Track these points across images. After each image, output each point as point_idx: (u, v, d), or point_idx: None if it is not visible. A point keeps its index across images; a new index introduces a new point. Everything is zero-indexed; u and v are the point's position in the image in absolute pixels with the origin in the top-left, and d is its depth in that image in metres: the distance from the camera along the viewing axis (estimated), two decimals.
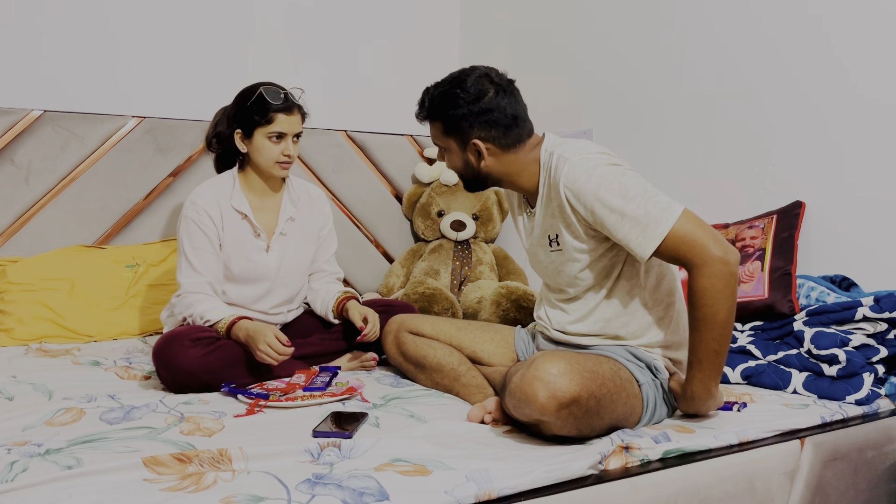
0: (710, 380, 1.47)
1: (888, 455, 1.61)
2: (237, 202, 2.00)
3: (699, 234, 1.42)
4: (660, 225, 1.43)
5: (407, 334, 1.87)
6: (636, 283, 1.58)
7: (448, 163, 1.65)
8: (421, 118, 1.64)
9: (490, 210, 3.12)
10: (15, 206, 2.51)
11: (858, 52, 2.02)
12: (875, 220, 2.00)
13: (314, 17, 3.09)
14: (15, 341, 2.27)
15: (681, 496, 1.30)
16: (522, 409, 1.35)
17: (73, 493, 1.11)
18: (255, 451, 1.28)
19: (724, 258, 1.40)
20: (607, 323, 1.60)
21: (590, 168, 1.48)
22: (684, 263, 1.44)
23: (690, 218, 1.44)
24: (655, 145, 2.60)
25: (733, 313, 1.44)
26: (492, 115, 1.55)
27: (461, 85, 1.56)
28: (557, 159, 1.54)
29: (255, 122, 1.96)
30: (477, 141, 1.56)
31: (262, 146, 1.97)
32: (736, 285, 1.42)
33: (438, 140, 1.63)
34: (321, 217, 2.17)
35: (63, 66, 2.61)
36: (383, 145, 3.23)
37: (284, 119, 1.96)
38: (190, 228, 1.96)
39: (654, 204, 1.44)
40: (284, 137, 1.97)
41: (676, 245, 1.43)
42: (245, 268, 2.00)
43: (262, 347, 1.75)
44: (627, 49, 2.69)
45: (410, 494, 1.13)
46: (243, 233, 2.01)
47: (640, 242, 1.44)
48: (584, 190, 1.47)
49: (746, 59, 2.30)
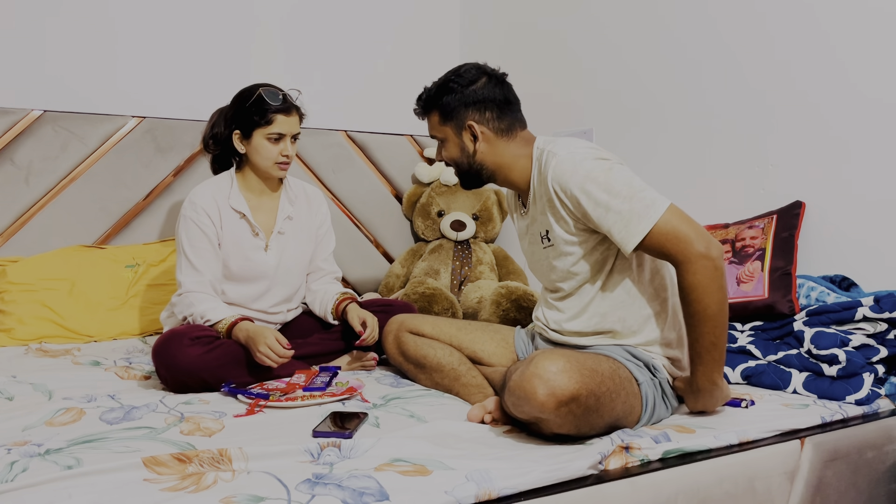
0: (713, 372, 1.50)
1: (888, 455, 1.61)
2: (235, 202, 2.01)
3: (683, 229, 1.44)
4: (643, 220, 1.45)
5: (407, 334, 1.87)
6: (630, 276, 1.58)
7: (445, 154, 1.68)
8: (420, 113, 1.70)
9: (490, 210, 3.12)
10: (15, 206, 2.51)
11: (858, 52, 2.02)
12: (875, 220, 2.00)
13: (314, 16, 3.09)
14: (15, 341, 2.27)
15: (681, 496, 1.30)
16: (521, 406, 1.35)
17: (73, 493, 1.11)
18: (255, 451, 1.28)
19: (707, 253, 1.42)
20: (602, 318, 1.60)
21: (576, 162, 1.51)
22: (669, 259, 1.47)
23: (675, 213, 1.46)
24: (655, 145, 2.60)
25: (725, 305, 1.46)
26: (485, 97, 1.61)
27: (455, 73, 1.65)
28: (547, 155, 1.57)
29: (255, 122, 1.97)
30: (472, 123, 1.61)
31: (261, 147, 1.98)
32: (723, 278, 1.44)
33: (435, 131, 1.68)
34: (318, 215, 2.18)
35: (63, 66, 2.61)
36: (383, 145, 3.23)
37: (283, 120, 1.97)
38: (189, 228, 1.97)
39: (638, 199, 1.46)
40: (283, 138, 1.99)
41: (660, 241, 1.45)
42: (244, 266, 2.01)
43: (262, 349, 1.76)
44: (628, 49, 2.69)
45: (410, 494, 1.13)
46: (241, 232, 2.02)
47: (623, 236, 1.47)
48: (570, 182, 1.50)
49: (746, 59, 2.30)
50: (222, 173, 2.09)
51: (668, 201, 1.47)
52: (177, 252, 2.00)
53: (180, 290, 1.94)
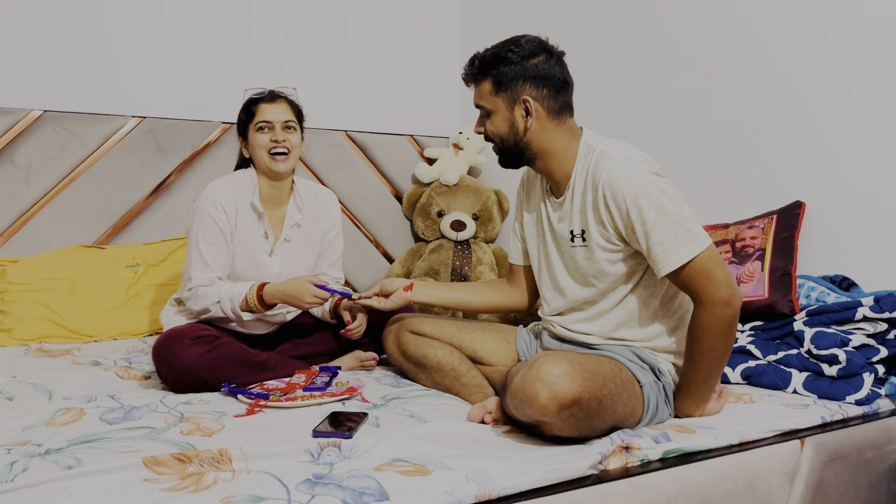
0: (696, 403, 1.55)
1: (888, 455, 1.61)
2: (257, 200, 1.98)
3: (715, 272, 1.45)
4: (682, 250, 1.45)
5: (408, 333, 1.87)
6: (653, 292, 1.58)
7: (490, 127, 1.60)
8: (470, 78, 1.61)
9: (490, 210, 3.12)
10: (15, 206, 2.51)
11: (857, 55, 2.02)
12: (875, 220, 2.00)
13: (314, 17, 3.09)
14: (15, 341, 2.27)
15: (681, 496, 1.30)
16: (524, 409, 1.35)
17: (73, 493, 1.11)
18: (255, 451, 1.28)
19: (729, 301, 1.45)
20: (617, 326, 1.60)
21: (634, 172, 1.48)
22: (692, 295, 1.48)
23: (712, 254, 1.46)
24: (655, 145, 2.59)
25: (729, 352, 1.50)
26: (545, 73, 1.55)
27: (515, 43, 1.56)
28: (600, 155, 1.53)
29: (244, 121, 1.99)
30: (528, 98, 1.55)
31: (254, 141, 1.97)
32: (735, 327, 1.48)
33: (484, 100, 1.59)
34: (328, 220, 2.14)
35: (63, 67, 2.61)
36: (383, 145, 3.23)
37: (267, 108, 1.97)
38: (205, 222, 1.92)
39: (685, 230, 1.46)
40: (272, 126, 1.96)
41: (690, 276, 1.46)
42: (248, 267, 1.99)
43: (309, 300, 1.84)
44: (628, 49, 2.69)
45: (410, 494, 1.13)
46: (254, 232, 1.99)
47: (660, 259, 1.47)
48: (624, 192, 1.47)
49: (746, 59, 2.30)
50: (242, 171, 2.05)
51: (709, 239, 1.47)
52: (188, 245, 1.95)
53: (189, 284, 1.90)
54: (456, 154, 3.20)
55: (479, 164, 3.25)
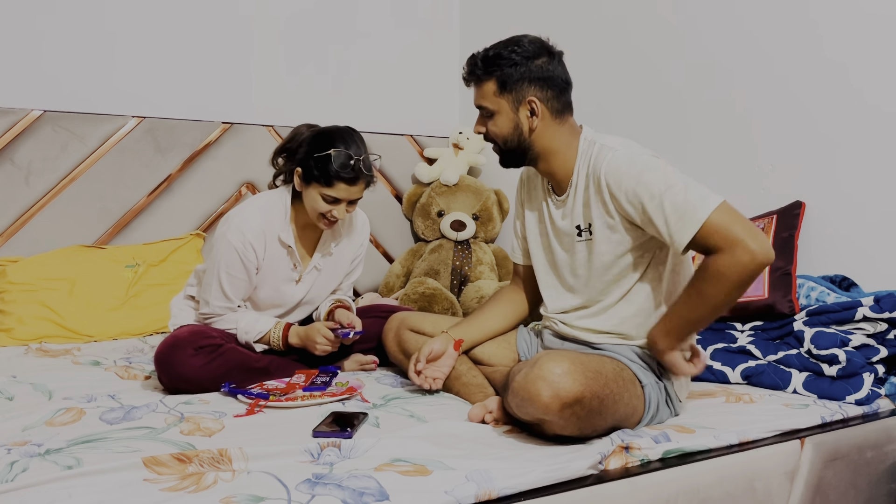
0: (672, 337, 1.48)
1: (888, 455, 1.61)
2: (285, 235, 1.91)
3: (736, 227, 1.38)
4: (698, 212, 1.39)
5: (408, 332, 1.87)
6: (657, 286, 1.57)
7: (493, 127, 1.59)
8: (472, 79, 1.60)
9: (490, 210, 3.12)
10: (15, 206, 2.51)
11: (857, 55, 2.02)
12: (875, 220, 2.00)
13: (314, 16, 3.09)
14: (15, 341, 2.27)
15: (681, 496, 1.30)
16: (525, 408, 1.35)
17: (73, 493, 1.11)
18: (255, 451, 1.28)
19: (755, 253, 1.36)
20: (621, 322, 1.59)
21: (633, 156, 1.49)
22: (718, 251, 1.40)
23: (729, 209, 1.41)
24: (654, 145, 2.57)
25: (729, 305, 1.44)
26: (549, 75, 1.55)
27: (518, 44, 1.56)
28: (600, 148, 1.54)
29: (315, 176, 1.82)
30: (534, 99, 1.55)
31: (313, 199, 1.85)
32: (749, 282, 1.39)
33: (487, 101, 1.58)
34: (358, 248, 2.11)
35: (63, 66, 2.61)
36: (383, 145, 3.22)
37: (344, 188, 1.82)
38: (230, 256, 1.85)
39: (694, 192, 1.42)
40: (339, 202, 1.85)
41: (710, 234, 1.39)
42: (272, 296, 1.97)
43: (319, 341, 1.86)
44: (627, 49, 2.69)
45: (410, 494, 1.13)
46: (282, 263, 1.94)
47: (678, 228, 1.41)
48: (627, 175, 1.47)
49: (746, 59, 2.30)
50: (275, 195, 1.95)
51: (721, 197, 1.42)
52: (208, 271, 1.88)
53: (205, 308, 1.90)
54: (456, 154, 3.20)
55: (479, 164, 3.25)
